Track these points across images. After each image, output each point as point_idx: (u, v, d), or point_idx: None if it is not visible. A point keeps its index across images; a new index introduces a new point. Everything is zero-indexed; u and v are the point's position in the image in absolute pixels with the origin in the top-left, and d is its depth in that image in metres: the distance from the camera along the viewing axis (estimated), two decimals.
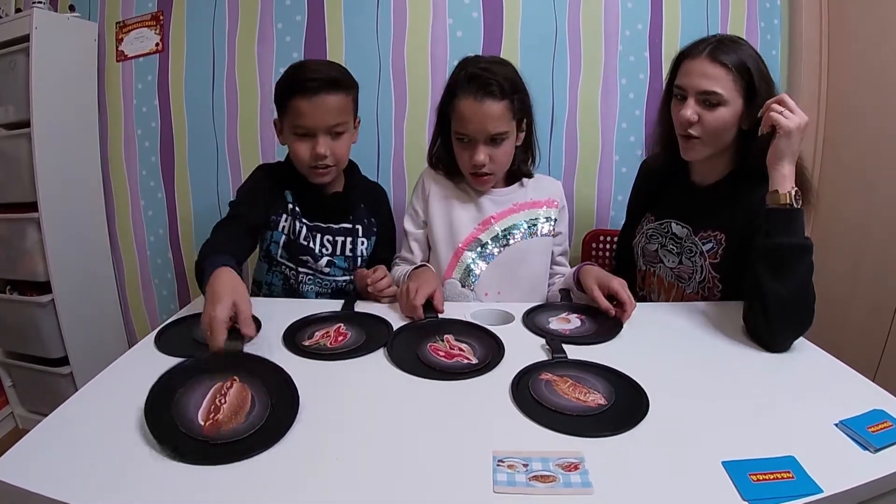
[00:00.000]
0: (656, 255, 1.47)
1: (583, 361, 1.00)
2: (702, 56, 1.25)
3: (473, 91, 1.33)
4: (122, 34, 2.21)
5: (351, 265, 1.53)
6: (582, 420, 0.82)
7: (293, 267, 1.49)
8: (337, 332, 1.12)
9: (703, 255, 1.35)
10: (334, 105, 1.37)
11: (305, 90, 1.34)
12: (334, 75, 1.38)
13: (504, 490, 0.65)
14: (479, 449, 0.73)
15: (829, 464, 0.70)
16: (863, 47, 1.94)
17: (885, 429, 0.77)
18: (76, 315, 2.16)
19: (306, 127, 1.36)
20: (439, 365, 1.00)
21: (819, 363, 1.04)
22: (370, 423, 0.82)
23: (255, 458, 0.72)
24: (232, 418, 0.78)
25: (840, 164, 2.04)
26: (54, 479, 0.68)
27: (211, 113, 2.18)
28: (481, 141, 1.36)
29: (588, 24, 2.06)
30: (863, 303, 1.91)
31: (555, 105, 2.10)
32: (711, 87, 1.23)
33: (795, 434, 0.77)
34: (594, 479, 0.66)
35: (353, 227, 1.54)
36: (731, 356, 1.07)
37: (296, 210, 1.47)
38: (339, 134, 1.40)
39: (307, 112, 1.35)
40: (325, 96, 1.34)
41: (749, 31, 2.10)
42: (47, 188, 2.01)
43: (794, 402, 0.88)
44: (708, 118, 1.25)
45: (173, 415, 0.77)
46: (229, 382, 0.84)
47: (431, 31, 2.05)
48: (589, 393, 0.88)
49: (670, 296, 1.45)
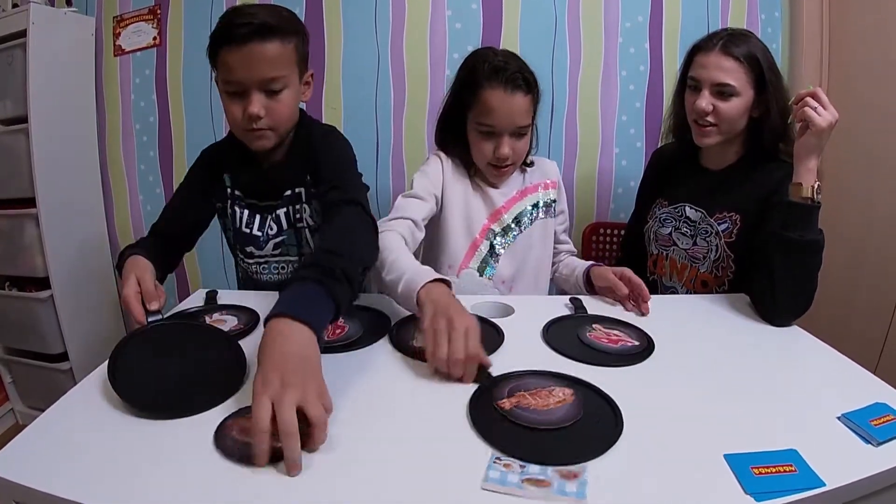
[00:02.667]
0: (669, 238, 1.51)
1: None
2: (715, 49, 1.32)
3: (503, 83, 1.32)
4: (119, 28, 2.21)
5: (302, 238, 1.34)
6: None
7: (243, 258, 1.38)
8: (334, 325, 1.10)
9: (718, 235, 1.40)
10: (269, 55, 1.11)
11: (232, 38, 1.09)
12: (266, 20, 1.10)
13: (492, 488, 0.63)
14: (482, 443, 0.72)
15: (831, 457, 0.69)
16: (864, 39, 1.92)
17: (887, 422, 0.76)
18: (75, 310, 2.16)
19: (236, 82, 1.13)
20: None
21: (821, 356, 1.03)
22: (373, 419, 0.81)
23: None
24: None
25: (841, 156, 2.02)
26: (52, 474, 0.67)
27: (209, 107, 2.17)
28: (507, 133, 1.35)
29: (588, 15, 2.05)
30: (864, 296, 1.90)
31: (554, 97, 2.08)
32: (725, 79, 1.30)
33: (798, 427, 0.77)
34: (594, 491, 0.63)
35: (293, 192, 1.30)
36: (732, 349, 1.06)
37: (235, 193, 1.33)
38: (277, 92, 1.16)
39: (235, 65, 1.10)
40: (255, 45, 1.09)
41: (750, 23, 2.09)
42: (45, 184, 2.01)
43: (796, 396, 0.87)
44: (722, 108, 1.32)
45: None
46: None
47: (430, 24, 2.05)
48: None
49: (683, 276, 1.49)
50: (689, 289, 1.48)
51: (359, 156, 1.73)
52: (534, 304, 1.30)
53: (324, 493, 0.64)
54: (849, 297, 1.96)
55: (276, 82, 1.14)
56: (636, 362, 0.98)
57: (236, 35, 1.08)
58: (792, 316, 1.18)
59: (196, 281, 2.34)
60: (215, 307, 1.22)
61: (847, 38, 2.00)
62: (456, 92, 1.43)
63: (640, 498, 0.63)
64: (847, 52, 2.00)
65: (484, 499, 0.63)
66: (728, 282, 1.41)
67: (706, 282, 1.44)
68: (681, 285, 1.50)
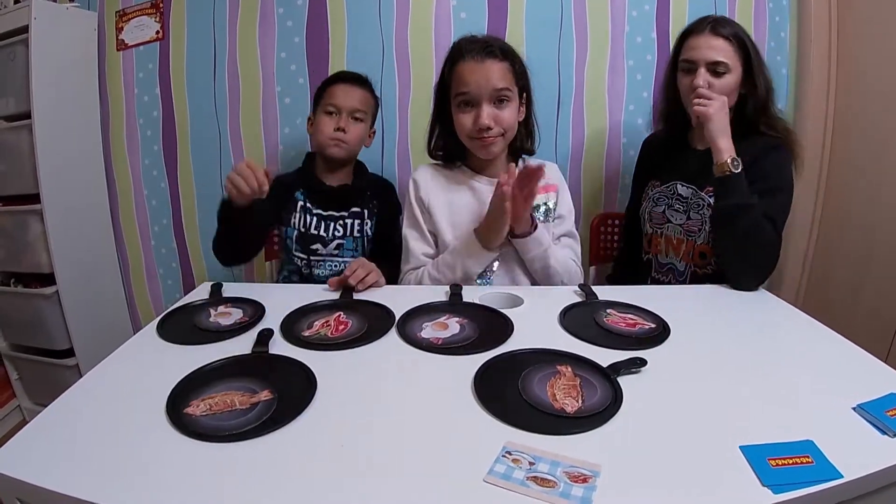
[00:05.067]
0: (663, 215, 1.58)
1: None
2: (706, 31, 1.42)
3: (474, 53, 1.36)
4: (122, 23, 2.19)
5: (359, 245, 1.72)
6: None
7: (305, 256, 1.69)
8: (337, 321, 1.10)
9: (709, 206, 1.46)
10: (358, 95, 1.68)
11: (339, 79, 1.71)
12: (364, 78, 1.75)
13: (493, 481, 0.62)
14: (495, 437, 0.71)
15: (848, 448, 0.68)
16: (873, 27, 1.90)
17: None
18: (81, 306, 2.15)
19: (335, 105, 1.66)
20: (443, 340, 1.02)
21: (834, 346, 1.02)
22: (385, 409, 0.81)
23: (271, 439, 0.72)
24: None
25: (850, 143, 2.03)
26: (55, 470, 0.66)
27: (213, 100, 2.15)
28: (484, 100, 1.35)
29: (594, 4, 2.02)
30: (874, 283, 1.89)
31: (561, 87, 2.06)
32: (719, 57, 1.40)
33: (814, 418, 0.75)
34: (601, 498, 0.61)
35: (360, 210, 1.72)
36: (745, 338, 1.06)
37: (307, 206, 1.69)
38: (358, 120, 1.67)
39: (338, 93, 1.66)
40: (353, 87, 1.69)
41: (757, 11, 2.06)
42: (49, 180, 2.00)
43: (811, 386, 0.86)
44: (717, 84, 1.41)
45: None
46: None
47: (435, 13, 2.02)
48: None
49: (680, 251, 1.55)
50: (688, 262, 1.53)
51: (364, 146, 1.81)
52: (544, 294, 1.29)
53: (332, 484, 0.64)
54: (859, 284, 1.95)
55: (358, 114, 1.68)
56: (655, 345, 0.99)
57: (341, 77, 1.75)
58: (752, 279, 1.33)
59: (201, 274, 2.33)
60: (221, 300, 1.22)
61: (855, 25, 1.98)
62: (439, 78, 1.47)
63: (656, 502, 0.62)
64: (856, 39, 1.98)
65: (485, 492, 0.62)
66: None
67: (704, 253, 1.50)
68: (679, 260, 1.55)
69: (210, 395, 0.80)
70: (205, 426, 0.73)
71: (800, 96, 2.11)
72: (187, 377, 0.85)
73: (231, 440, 0.70)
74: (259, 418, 0.74)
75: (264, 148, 2.17)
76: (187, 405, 0.77)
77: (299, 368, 0.89)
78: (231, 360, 0.92)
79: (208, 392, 0.81)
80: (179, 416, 0.75)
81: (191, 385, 0.83)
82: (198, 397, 0.80)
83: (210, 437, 0.71)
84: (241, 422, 0.73)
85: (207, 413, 0.76)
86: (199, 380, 0.85)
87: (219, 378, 0.86)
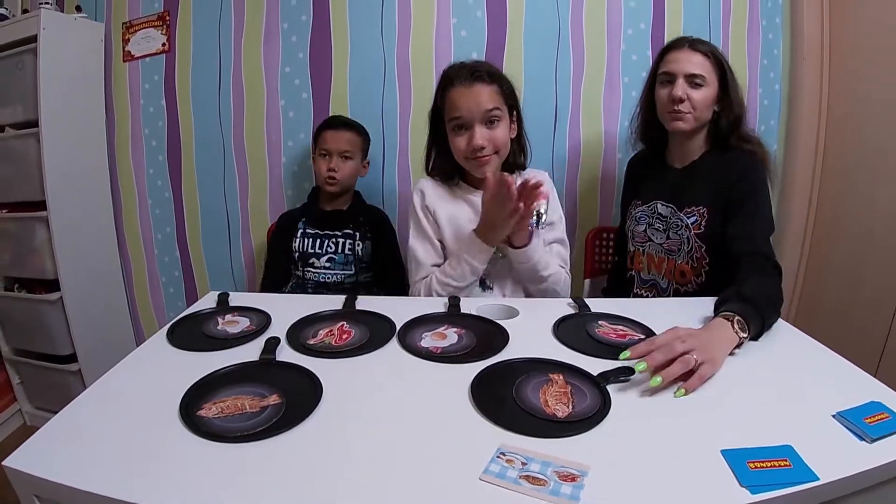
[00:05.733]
0: (645, 234, 1.62)
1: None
2: (685, 47, 1.49)
3: (463, 78, 1.43)
4: (128, 34, 2.24)
5: (349, 261, 1.93)
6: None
7: (301, 271, 1.93)
8: (341, 331, 1.14)
9: (688, 227, 1.50)
10: (346, 138, 1.92)
11: (328, 125, 1.95)
12: (350, 121, 1.98)
13: (489, 480, 0.66)
14: (490, 439, 0.75)
15: (826, 453, 0.72)
16: (865, 45, 1.95)
17: (881, 420, 0.78)
18: (84, 312, 2.19)
19: (324, 148, 1.90)
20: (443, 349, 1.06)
21: (818, 356, 1.05)
22: (387, 413, 0.84)
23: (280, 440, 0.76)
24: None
25: (842, 159, 2.07)
26: (73, 467, 0.70)
27: (217, 112, 2.20)
28: (477, 122, 1.42)
29: (591, 22, 2.07)
30: (866, 295, 1.93)
31: (558, 103, 2.11)
32: (696, 70, 1.46)
33: (794, 425, 0.79)
34: (588, 495, 0.64)
35: (353, 232, 1.93)
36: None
37: (305, 231, 1.94)
38: (348, 158, 1.91)
39: (328, 138, 1.91)
40: (340, 131, 1.92)
41: (751, 29, 2.11)
42: (55, 187, 2.04)
43: (793, 395, 0.89)
44: (694, 96, 1.46)
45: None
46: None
47: (435, 31, 2.07)
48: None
49: (662, 269, 1.59)
50: (670, 279, 1.56)
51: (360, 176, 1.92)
52: (538, 306, 1.33)
53: None
54: (850, 296, 1.99)
55: (347, 153, 1.91)
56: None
57: (331, 123, 1.99)
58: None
59: (203, 283, 2.37)
60: (228, 308, 1.26)
61: (847, 43, 2.03)
62: (433, 104, 1.54)
63: (639, 501, 0.65)
64: (847, 57, 2.03)
65: (480, 489, 0.66)
66: (705, 272, 1.49)
67: (684, 272, 1.53)
68: (661, 277, 1.59)
69: (221, 398, 0.84)
70: (218, 427, 0.77)
71: (792, 112, 2.15)
72: (199, 382, 0.89)
73: (243, 440, 0.74)
74: (269, 420, 0.78)
75: (267, 160, 2.21)
76: (200, 408, 0.81)
77: (305, 375, 0.93)
78: (240, 366, 0.96)
79: (219, 396, 0.85)
80: (193, 418, 0.79)
81: (202, 389, 0.87)
82: (209, 401, 0.84)
83: (223, 438, 0.75)
84: (252, 423, 0.77)
85: (220, 415, 0.80)
86: (210, 384, 0.89)
87: (229, 383, 0.89)
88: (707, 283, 1.48)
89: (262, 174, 2.23)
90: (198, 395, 0.85)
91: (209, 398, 0.84)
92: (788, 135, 2.18)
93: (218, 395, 0.85)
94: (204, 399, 0.84)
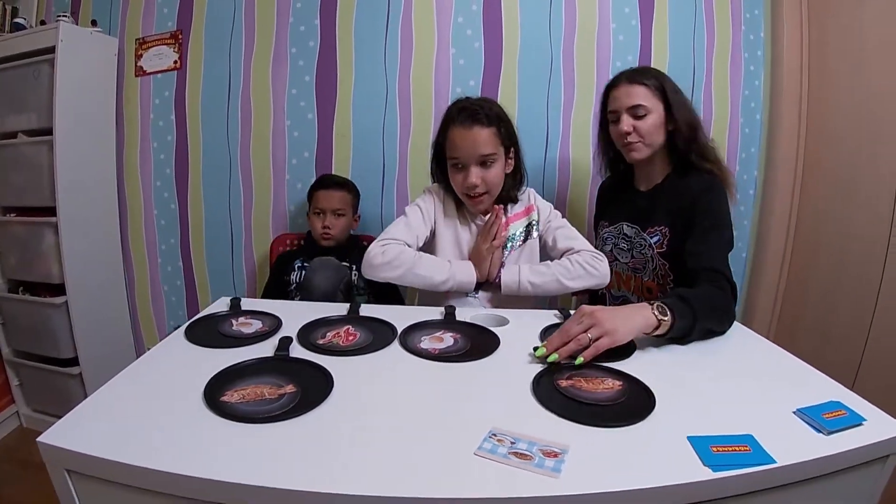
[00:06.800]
0: (611, 254, 1.71)
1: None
2: (623, 81, 1.57)
3: (462, 120, 1.52)
4: (141, 50, 2.32)
5: (347, 291, 1.94)
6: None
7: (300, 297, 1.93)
8: (347, 333, 1.22)
9: (651, 246, 1.59)
10: (338, 197, 2.05)
11: (321, 185, 2.07)
12: (341, 181, 2.11)
13: (482, 455, 0.75)
14: (482, 423, 0.84)
15: (784, 442, 0.78)
16: (841, 75, 2.07)
17: (839, 416, 0.85)
18: (88, 317, 2.23)
19: (319, 207, 2.04)
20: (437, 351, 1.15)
21: (785, 362, 1.13)
22: (392, 401, 0.93)
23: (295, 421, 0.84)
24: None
25: (819, 187, 2.18)
26: (104, 442, 0.76)
27: (225, 129, 2.27)
28: (472, 163, 1.53)
29: (581, 55, 2.18)
30: (842, 318, 2.03)
31: (549, 128, 2.21)
32: (636, 101, 1.53)
33: (756, 419, 0.86)
34: (568, 468, 0.73)
35: (349, 264, 1.97)
36: (703, 356, 1.16)
37: (303, 266, 2.02)
38: (341, 215, 2.05)
39: (321, 198, 2.04)
40: (332, 191, 2.05)
41: (734, 61, 2.22)
42: (66, 194, 2.10)
43: (757, 394, 0.97)
44: (641, 126, 1.54)
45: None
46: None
47: (436, 59, 2.17)
48: (602, 383, 1.00)
49: (630, 286, 1.69)
50: (639, 295, 1.66)
51: (365, 180, 2.08)
52: (527, 315, 1.42)
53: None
54: (829, 314, 2.08)
55: (339, 210, 2.05)
56: (621, 358, 1.10)
57: (323, 183, 2.12)
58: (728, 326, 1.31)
59: (205, 294, 2.43)
60: (241, 312, 1.34)
61: (826, 77, 2.14)
62: (437, 137, 1.64)
63: (612, 474, 0.73)
64: (825, 90, 2.14)
65: (474, 463, 0.74)
66: (669, 289, 1.58)
67: (650, 288, 1.63)
68: (630, 293, 1.69)
69: (242, 387, 0.92)
70: (241, 410, 0.85)
71: (772, 140, 2.27)
72: (221, 372, 0.97)
73: (265, 422, 0.82)
74: (287, 406, 0.86)
75: (272, 177, 2.28)
76: (223, 394, 0.89)
77: (317, 369, 1.01)
78: (258, 360, 1.04)
79: (240, 385, 0.93)
80: (217, 402, 0.87)
81: (224, 378, 0.95)
82: (231, 388, 0.92)
83: (246, 419, 0.83)
84: (272, 408, 0.86)
85: (241, 401, 0.88)
86: (231, 375, 0.97)
87: (248, 374, 0.97)
88: None
89: (266, 190, 2.30)
90: (220, 384, 0.93)
91: (231, 387, 0.92)
92: (768, 161, 2.28)
93: (238, 384, 0.93)
94: (226, 387, 0.92)
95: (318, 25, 2.18)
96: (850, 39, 2.03)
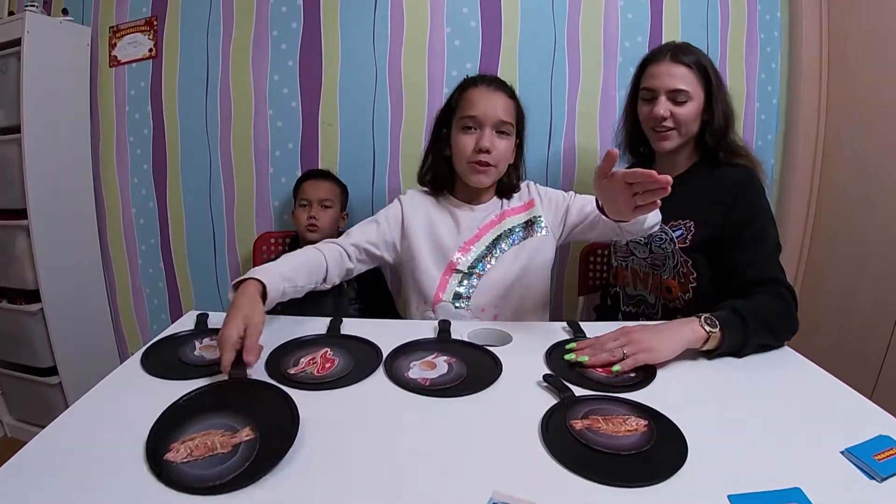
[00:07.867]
0: (627, 248, 1.58)
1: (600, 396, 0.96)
2: (666, 59, 1.41)
3: (488, 83, 1.44)
4: (115, 39, 2.21)
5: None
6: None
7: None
8: (324, 358, 1.09)
9: (672, 241, 1.44)
10: (325, 187, 1.98)
11: (308, 176, 2.03)
12: (329, 172, 2.06)
13: None
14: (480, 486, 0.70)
15: (835, 495, 0.69)
16: (863, 57, 1.95)
17: (891, 456, 0.76)
18: (66, 324, 2.15)
19: (305, 198, 1.97)
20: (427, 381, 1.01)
21: (823, 386, 1.02)
22: (370, 455, 0.79)
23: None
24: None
25: (841, 175, 2.06)
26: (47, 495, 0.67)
27: (204, 120, 2.17)
28: (488, 125, 1.41)
29: (587, 35, 2.06)
30: (863, 310, 1.92)
31: (553, 116, 2.09)
32: (679, 85, 1.39)
33: (801, 463, 0.76)
34: None
35: None
36: (729, 379, 1.06)
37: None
38: (327, 207, 1.97)
39: (307, 188, 1.98)
40: (319, 181, 2.00)
41: (749, 42, 2.11)
42: (37, 195, 2.01)
43: (798, 428, 0.87)
44: (678, 112, 1.40)
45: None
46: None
47: (429, 40, 2.05)
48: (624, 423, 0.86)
49: (647, 284, 1.55)
50: (657, 295, 1.52)
51: (355, 171, 2.00)
52: (531, 330, 1.28)
53: None
54: (847, 313, 1.98)
55: (326, 202, 1.97)
56: (636, 389, 0.98)
57: (311, 174, 2.06)
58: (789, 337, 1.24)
59: (188, 294, 2.34)
60: (206, 331, 1.22)
61: (846, 57, 2.02)
62: (443, 109, 1.52)
63: None
64: (846, 71, 2.03)
65: None
66: (692, 289, 1.44)
67: (671, 288, 1.48)
68: (648, 292, 1.55)
69: (190, 435, 0.79)
70: (186, 475, 0.71)
71: (790, 127, 2.15)
72: (166, 412, 0.84)
73: (213, 492, 0.69)
74: (241, 464, 0.73)
75: (254, 171, 2.18)
76: (168, 449, 0.76)
77: (280, 398, 0.88)
78: (211, 387, 0.92)
79: (189, 430, 0.80)
80: (159, 463, 0.73)
81: (170, 421, 0.82)
82: (178, 438, 0.78)
83: (192, 490, 0.69)
84: (224, 469, 0.72)
85: (188, 459, 0.74)
86: (179, 415, 0.84)
87: (199, 412, 0.84)
88: (695, 300, 1.42)
89: (249, 185, 2.20)
90: (166, 430, 0.80)
91: (178, 434, 0.79)
92: (786, 149, 2.17)
93: (188, 429, 0.80)
94: (171, 436, 0.78)
95: (301, 5, 2.07)
96: (874, 16, 1.90)
